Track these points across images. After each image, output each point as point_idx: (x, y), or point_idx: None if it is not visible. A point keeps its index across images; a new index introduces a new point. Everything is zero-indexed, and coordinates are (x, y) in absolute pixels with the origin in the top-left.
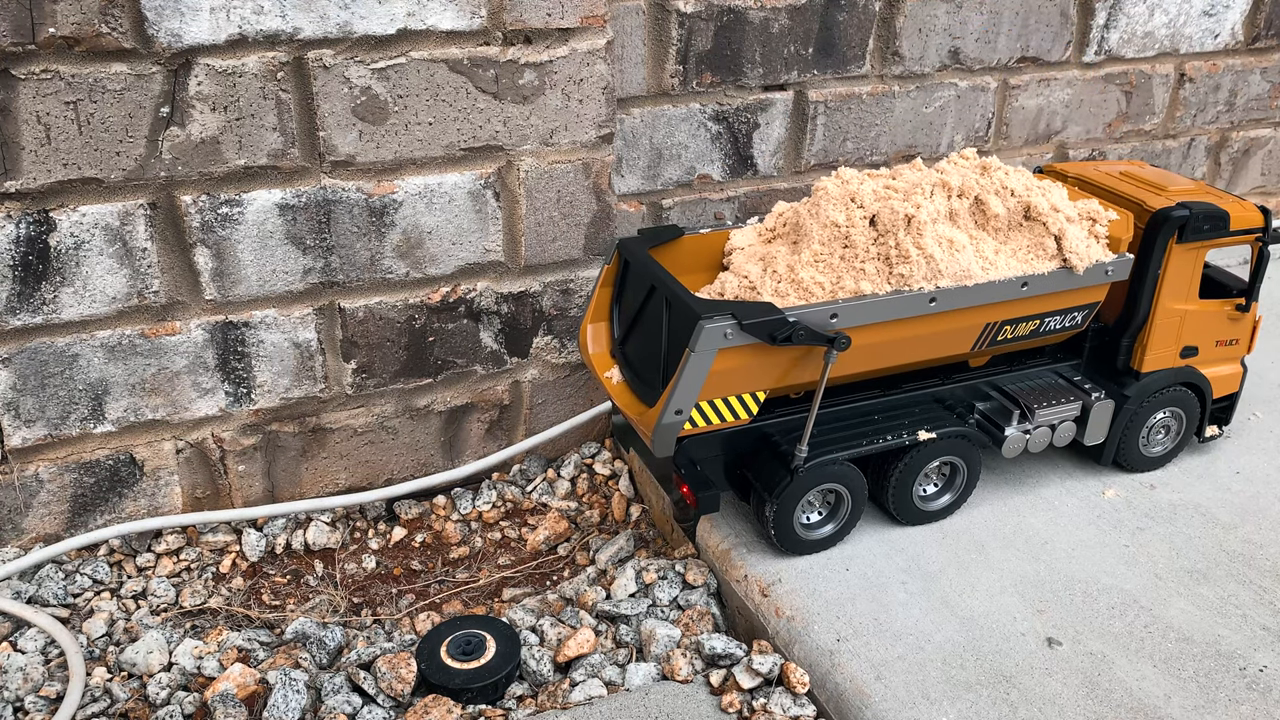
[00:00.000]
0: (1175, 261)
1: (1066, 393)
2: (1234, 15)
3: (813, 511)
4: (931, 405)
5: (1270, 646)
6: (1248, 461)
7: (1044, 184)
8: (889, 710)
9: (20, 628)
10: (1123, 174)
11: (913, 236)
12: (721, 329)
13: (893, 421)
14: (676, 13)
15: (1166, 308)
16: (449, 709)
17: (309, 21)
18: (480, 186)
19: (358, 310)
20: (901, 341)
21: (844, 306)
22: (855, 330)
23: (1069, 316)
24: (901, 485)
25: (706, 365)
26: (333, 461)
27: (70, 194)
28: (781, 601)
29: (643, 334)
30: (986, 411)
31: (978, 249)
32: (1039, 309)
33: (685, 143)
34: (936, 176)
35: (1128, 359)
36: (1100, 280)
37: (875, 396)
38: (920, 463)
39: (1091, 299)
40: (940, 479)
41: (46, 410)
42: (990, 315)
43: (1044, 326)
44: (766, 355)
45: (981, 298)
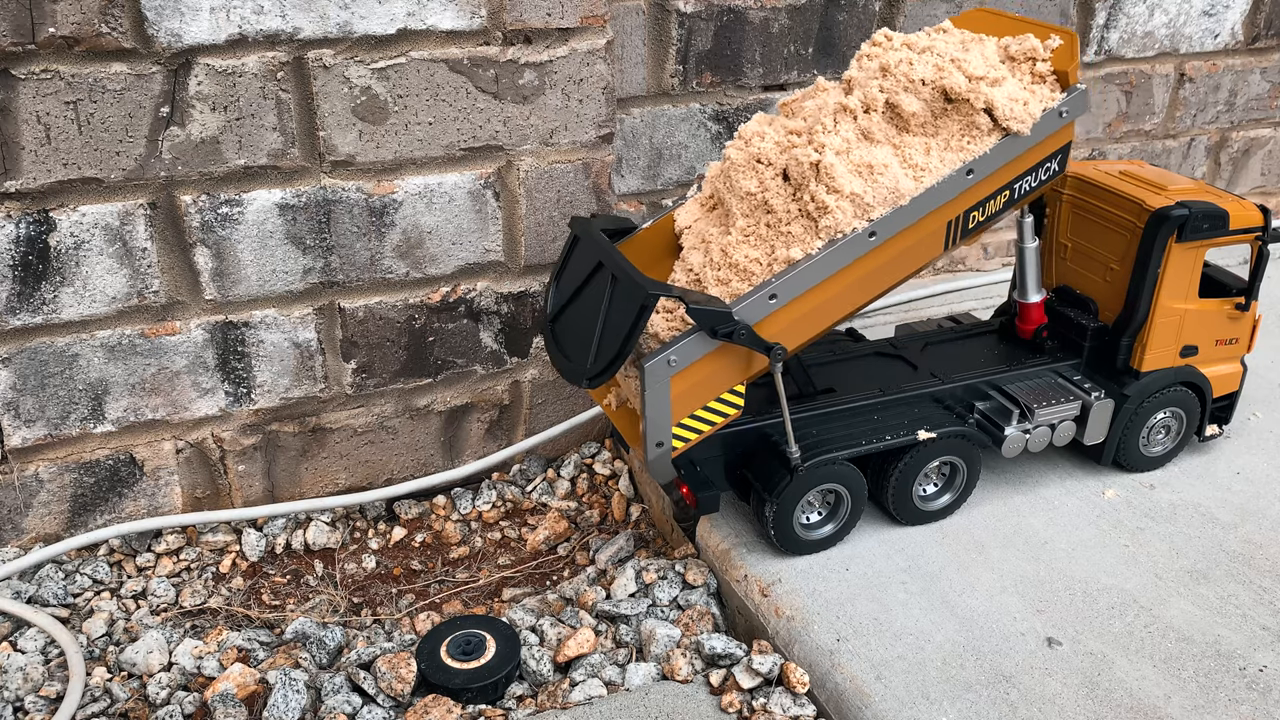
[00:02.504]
0: (1175, 261)
1: (1066, 392)
2: (1234, 15)
3: (812, 511)
4: (931, 405)
5: (1270, 646)
6: (1248, 461)
7: (961, 46)
8: (889, 710)
9: (20, 628)
10: (1122, 173)
11: (824, 182)
12: (665, 359)
13: (893, 421)
14: (676, 13)
15: (1166, 307)
16: (449, 709)
17: (309, 21)
18: (480, 186)
19: (358, 310)
20: (865, 278)
21: (780, 284)
22: (808, 294)
23: (1044, 169)
24: (901, 485)
25: (665, 394)
26: (333, 461)
27: (70, 194)
28: (781, 601)
29: (579, 313)
30: (986, 411)
31: (905, 158)
32: (1003, 180)
33: (685, 142)
34: (835, 100)
35: (1127, 358)
36: (1056, 126)
37: (874, 395)
38: (920, 462)
39: (1060, 142)
40: (940, 479)
41: (46, 410)
42: (949, 213)
43: (1019, 191)
44: (726, 353)
45: (924, 208)
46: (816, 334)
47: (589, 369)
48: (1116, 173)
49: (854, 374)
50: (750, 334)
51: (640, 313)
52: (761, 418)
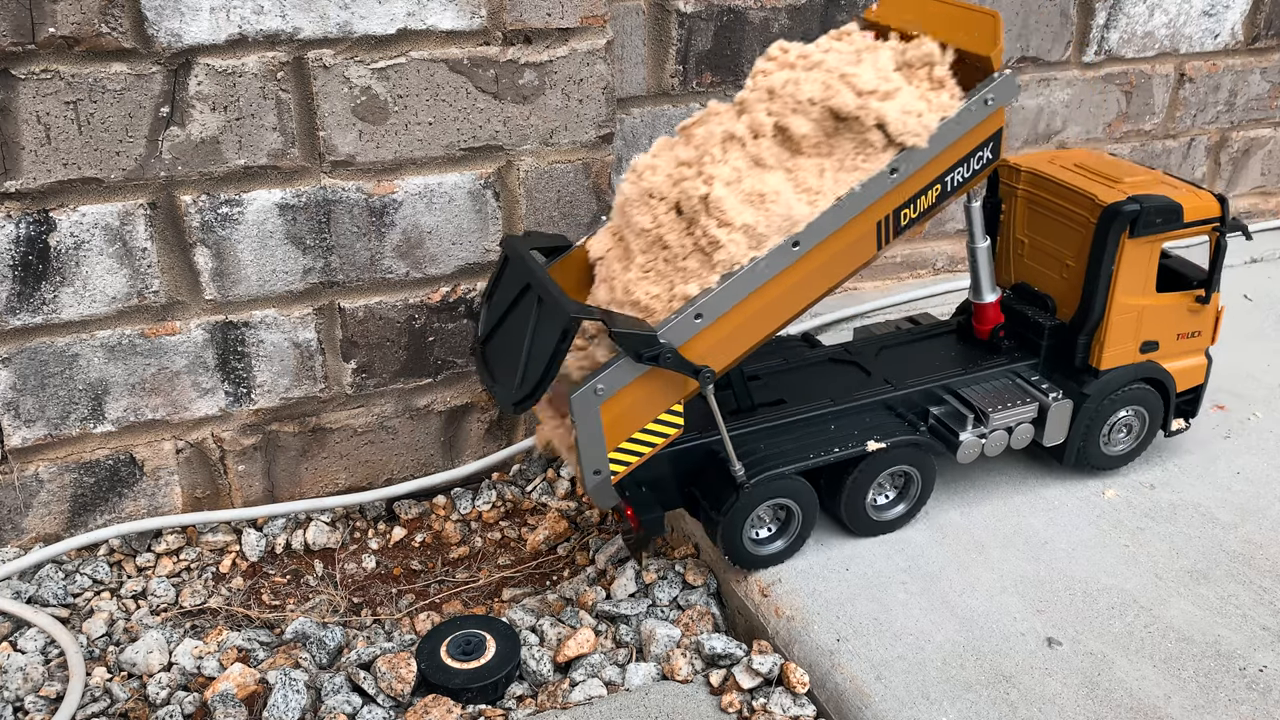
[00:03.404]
0: (1129, 257)
1: (1023, 394)
2: (1234, 15)
3: (763, 527)
4: (883, 413)
5: (1270, 646)
6: (1248, 461)
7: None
8: (889, 710)
9: (20, 628)
10: (1077, 165)
11: (715, 216)
12: (592, 388)
13: (843, 432)
14: (676, 13)
15: (1122, 303)
16: (449, 709)
17: (309, 21)
18: (480, 186)
19: (358, 310)
20: (794, 288)
21: (706, 302)
22: (736, 309)
23: (975, 159)
24: (854, 496)
25: (597, 422)
26: (332, 461)
27: (70, 194)
28: (781, 601)
29: (508, 335)
30: (941, 416)
31: (798, 182)
32: (931, 175)
33: None
34: (725, 127)
35: (1085, 357)
36: (984, 114)
37: (824, 406)
38: (872, 473)
39: (989, 130)
40: (894, 488)
41: (46, 410)
42: (877, 214)
43: (951, 183)
44: (658, 375)
45: (849, 213)
46: (748, 349)
47: (514, 394)
48: (1071, 165)
49: (806, 383)
50: (676, 357)
51: (563, 336)
52: (706, 434)
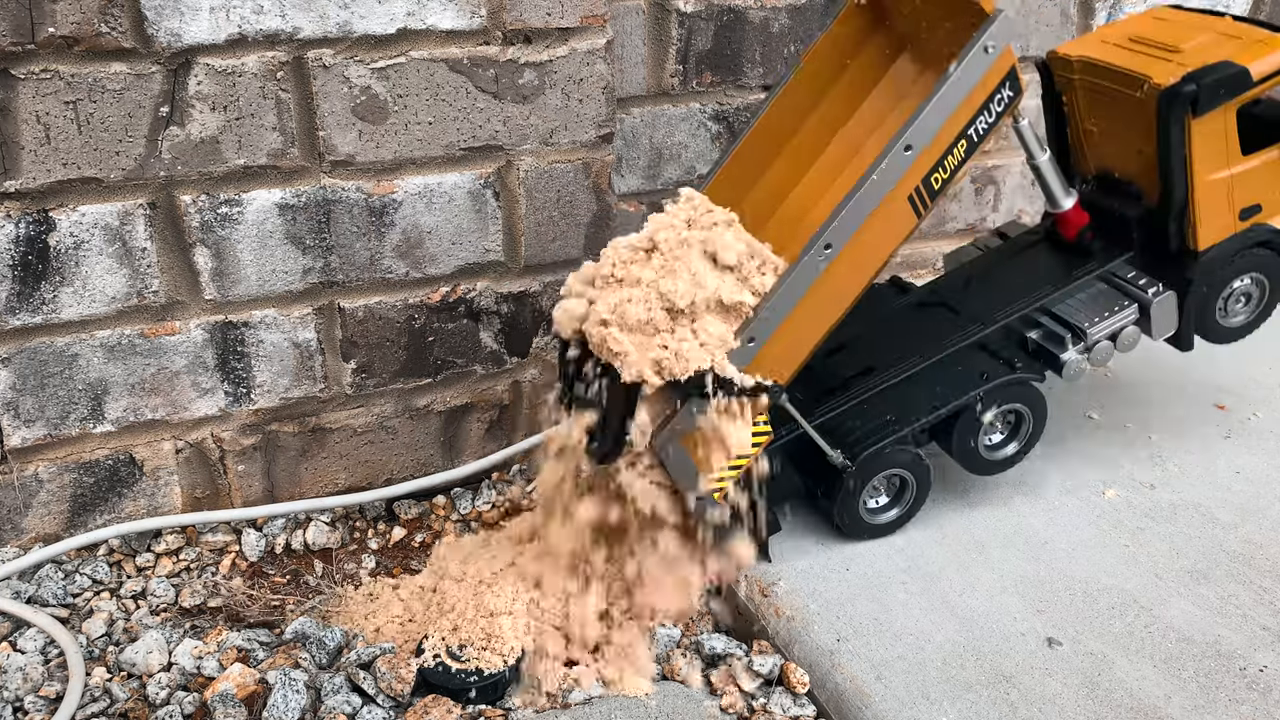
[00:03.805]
0: (1199, 135)
1: (1120, 297)
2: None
3: (878, 496)
4: (977, 355)
5: (1270, 646)
6: (1248, 461)
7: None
8: (889, 710)
9: (20, 628)
10: (1131, 39)
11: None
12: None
13: (936, 388)
14: (676, 12)
15: (1205, 181)
16: (449, 709)
17: (309, 21)
18: (480, 186)
19: (357, 310)
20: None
21: (755, 325)
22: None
23: (995, 102)
24: (962, 444)
25: (686, 458)
26: (332, 461)
27: (70, 194)
28: (781, 601)
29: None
30: (1038, 340)
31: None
32: (953, 133)
33: (685, 142)
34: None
35: (1180, 241)
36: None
37: (913, 365)
38: (976, 419)
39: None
40: (1004, 427)
41: (46, 410)
42: (905, 190)
43: (978, 132)
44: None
45: (873, 201)
46: (811, 350)
47: (596, 449)
48: (1125, 40)
49: (895, 339)
50: (738, 388)
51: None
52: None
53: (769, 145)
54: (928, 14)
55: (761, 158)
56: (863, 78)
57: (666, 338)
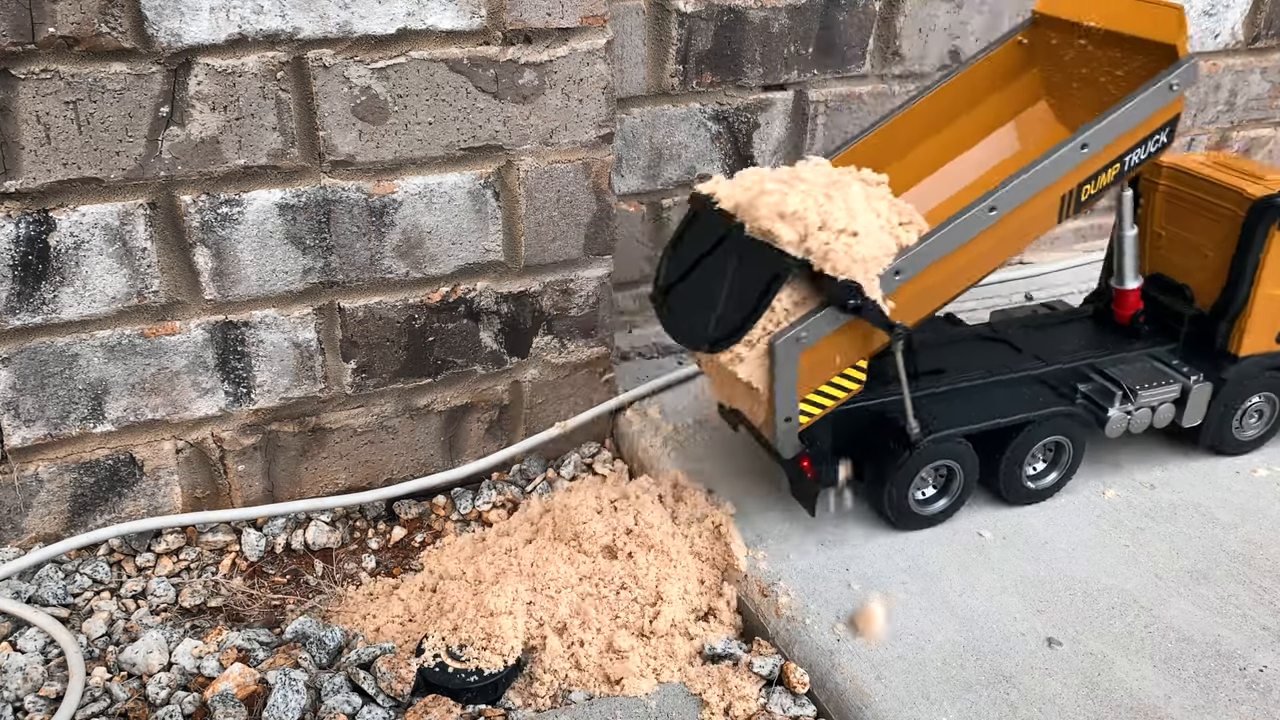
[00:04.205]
0: (1276, 248)
1: (1166, 375)
2: (1234, 15)
3: (927, 487)
4: (1038, 386)
5: (1270, 646)
6: (1248, 461)
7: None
8: (889, 710)
9: (20, 627)
10: (1217, 163)
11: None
12: (794, 336)
13: (1002, 401)
14: (676, 12)
15: (1266, 293)
16: (449, 709)
17: (309, 21)
18: (480, 186)
19: (357, 310)
20: (983, 253)
21: (905, 260)
22: (930, 269)
23: (1153, 141)
24: (1011, 464)
25: (794, 370)
26: (332, 461)
27: (70, 194)
28: (781, 601)
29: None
30: (1089, 393)
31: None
32: (1115, 153)
33: (685, 142)
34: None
35: (1225, 343)
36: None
37: (983, 376)
38: (1030, 442)
39: (1169, 115)
40: (1045, 459)
41: (46, 410)
42: (1063, 188)
43: (1129, 163)
44: (851, 329)
45: (1041, 183)
46: (932, 309)
47: (710, 333)
48: (1212, 163)
49: (959, 356)
50: (878, 310)
51: (773, 279)
52: (876, 395)
53: (896, 145)
54: (1098, 59)
55: (886, 153)
56: (999, 109)
57: (829, 235)
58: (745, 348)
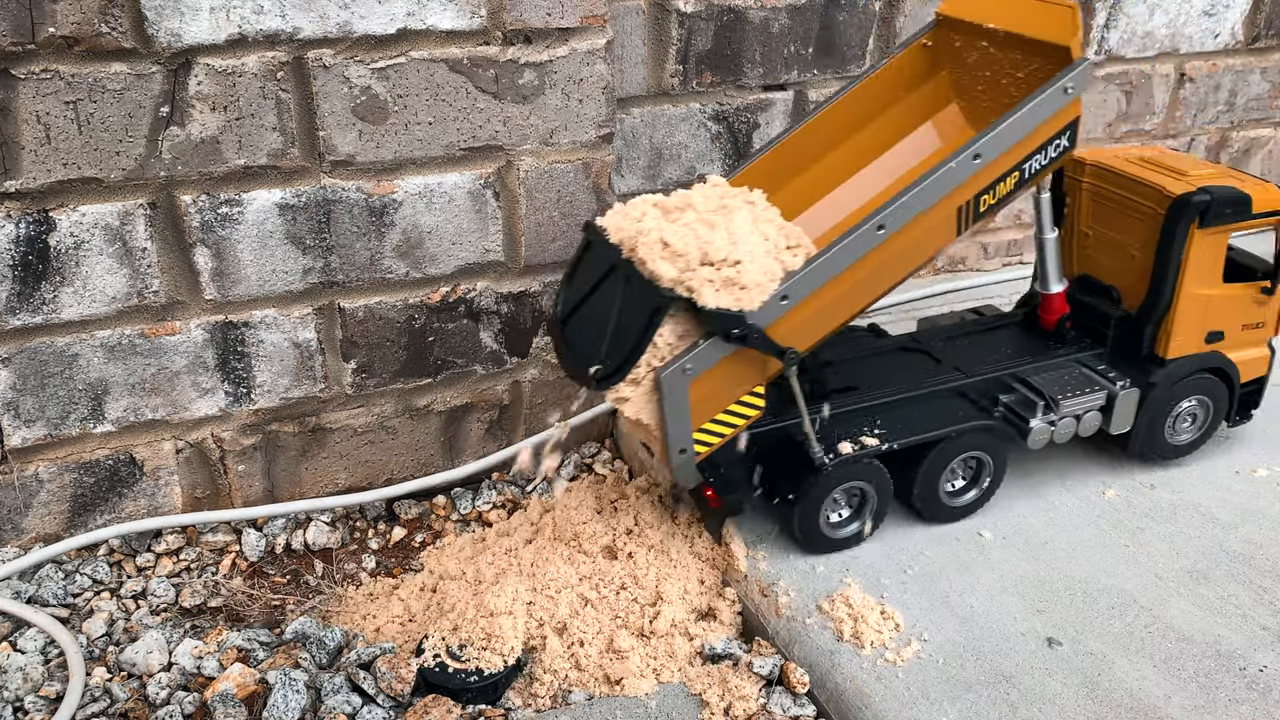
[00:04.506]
0: (1197, 247)
1: (1091, 382)
2: (1234, 15)
3: (840, 509)
4: (955, 400)
5: (1270, 646)
6: (1248, 461)
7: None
8: (889, 710)
9: (20, 628)
10: (1143, 160)
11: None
12: (680, 367)
13: (916, 417)
14: (676, 13)
15: (1190, 293)
16: (449, 709)
17: (309, 21)
18: (480, 186)
19: (357, 310)
20: (876, 272)
21: (791, 284)
22: (819, 292)
23: (1053, 146)
24: (928, 482)
25: (684, 401)
26: (332, 461)
27: (70, 194)
28: (781, 601)
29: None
30: (1010, 404)
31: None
32: (1011, 161)
33: (685, 142)
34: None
35: (1152, 346)
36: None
37: (897, 392)
38: (946, 458)
39: (1067, 118)
40: (967, 474)
41: (46, 410)
42: (958, 199)
43: (1029, 170)
44: (743, 356)
45: (934, 196)
46: (828, 332)
47: (599, 371)
48: (1137, 159)
49: (877, 371)
50: (763, 338)
51: (654, 315)
52: (784, 418)
53: (801, 156)
54: (999, 61)
55: (792, 166)
56: (908, 115)
57: (708, 270)
58: (630, 386)
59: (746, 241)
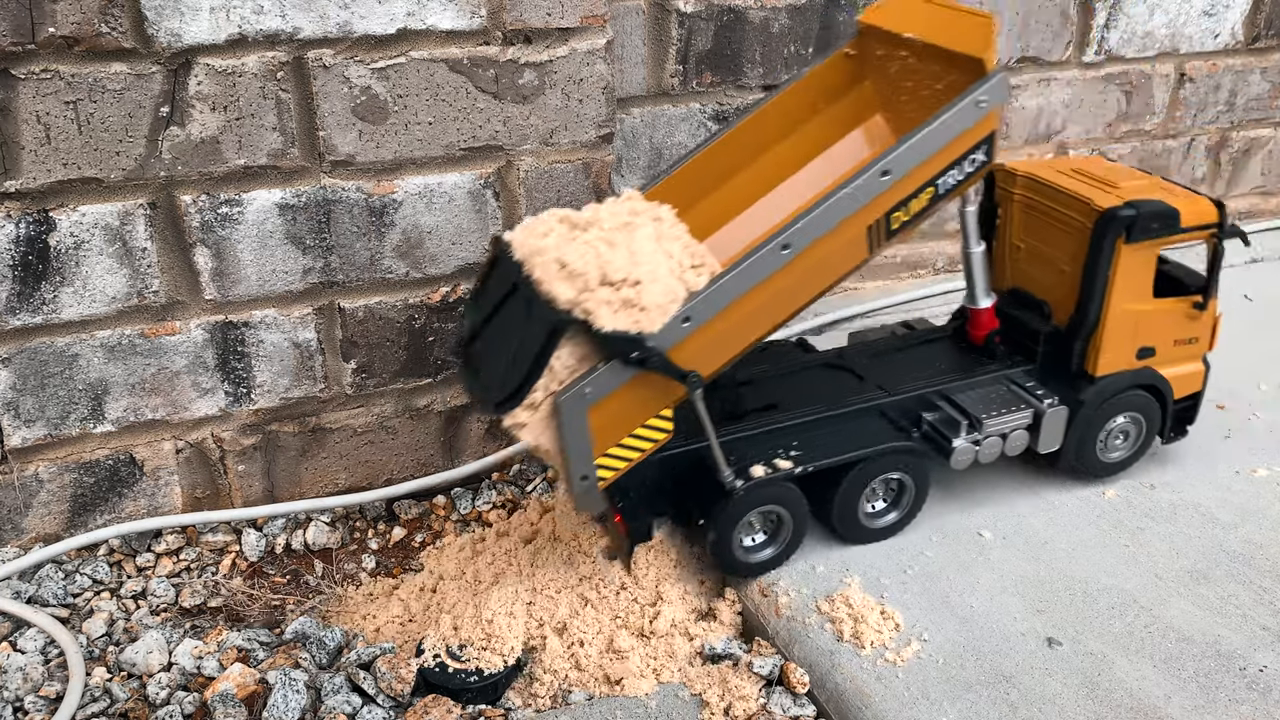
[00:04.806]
0: (1125, 262)
1: (1017, 400)
2: (1234, 15)
3: (755, 533)
4: (876, 419)
5: (1270, 646)
6: (1248, 461)
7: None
8: (889, 710)
9: (20, 628)
10: (1075, 171)
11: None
12: (579, 391)
13: (834, 438)
14: (676, 12)
15: (1119, 309)
16: (449, 709)
17: (309, 21)
18: (480, 186)
19: (357, 310)
20: (783, 293)
21: (694, 306)
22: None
23: (968, 161)
24: (845, 503)
25: (584, 426)
26: (332, 461)
27: (70, 194)
28: (781, 601)
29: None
30: (934, 422)
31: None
32: (923, 177)
33: (685, 142)
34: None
35: (1081, 362)
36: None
37: (816, 412)
38: (864, 480)
39: (982, 133)
40: (887, 496)
41: (46, 410)
42: (867, 218)
43: (943, 186)
44: (647, 380)
45: (839, 215)
46: (736, 354)
47: (495, 395)
48: (1069, 170)
49: (798, 388)
50: (663, 361)
51: (550, 337)
52: (694, 441)
53: (717, 171)
54: (920, 72)
55: (707, 180)
56: (829, 127)
57: (606, 291)
58: (528, 411)
59: (648, 260)
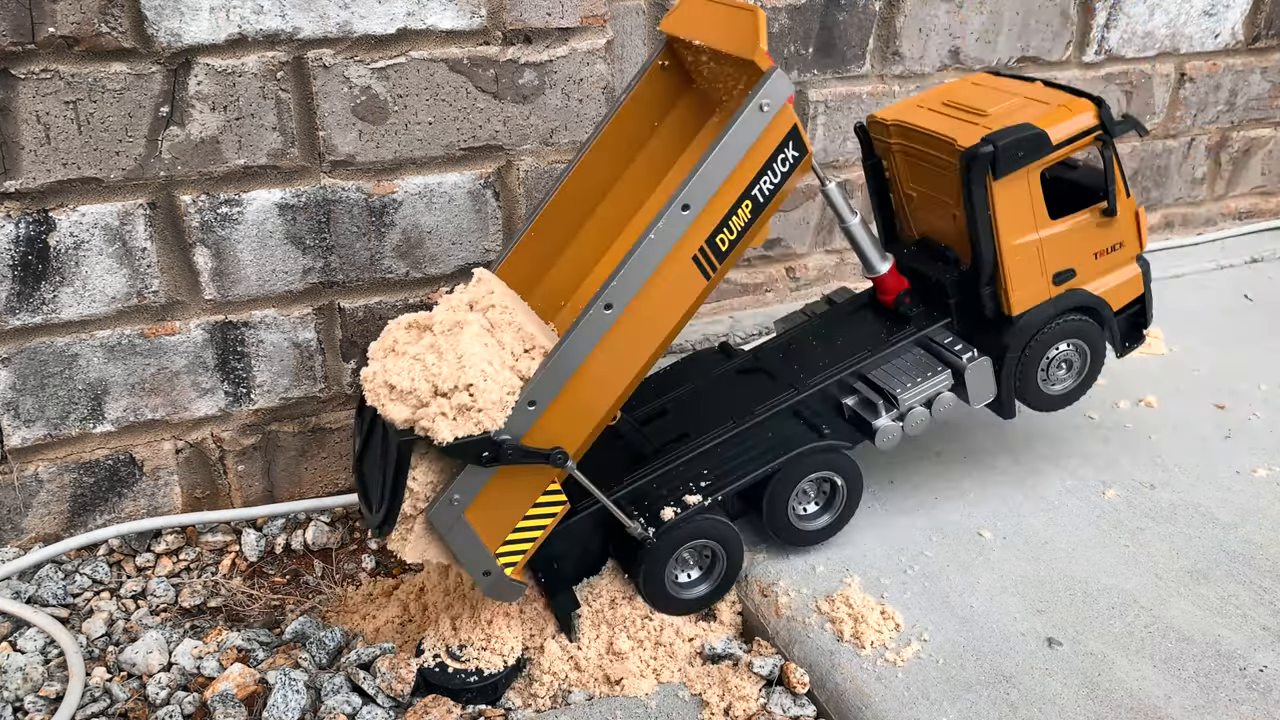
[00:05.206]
0: (1002, 198)
1: (933, 363)
2: (1234, 15)
3: (689, 569)
4: (789, 421)
5: (1270, 646)
6: (1247, 461)
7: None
8: (889, 710)
9: (20, 628)
10: (945, 103)
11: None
12: (448, 500)
13: (745, 454)
14: None
15: (1012, 246)
16: (449, 709)
17: (309, 21)
18: (480, 186)
19: (357, 310)
20: (630, 344)
21: (535, 387)
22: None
23: (779, 162)
24: (774, 512)
25: (466, 529)
26: (332, 461)
27: (70, 194)
28: (781, 601)
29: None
30: (853, 407)
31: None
32: (733, 196)
33: None
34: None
35: (995, 306)
36: (764, 121)
37: (725, 431)
38: (786, 487)
39: (778, 135)
40: (819, 497)
41: (46, 410)
42: (687, 250)
43: (763, 192)
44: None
45: (654, 260)
46: (607, 413)
47: (373, 518)
48: (939, 105)
49: (710, 407)
50: (519, 450)
51: (400, 459)
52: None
53: (573, 215)
54: (723, 75)
55: (565, 228)
56: (672, 140)
57: (440, 402)
58: (404, 532)
59: (476, 360)
